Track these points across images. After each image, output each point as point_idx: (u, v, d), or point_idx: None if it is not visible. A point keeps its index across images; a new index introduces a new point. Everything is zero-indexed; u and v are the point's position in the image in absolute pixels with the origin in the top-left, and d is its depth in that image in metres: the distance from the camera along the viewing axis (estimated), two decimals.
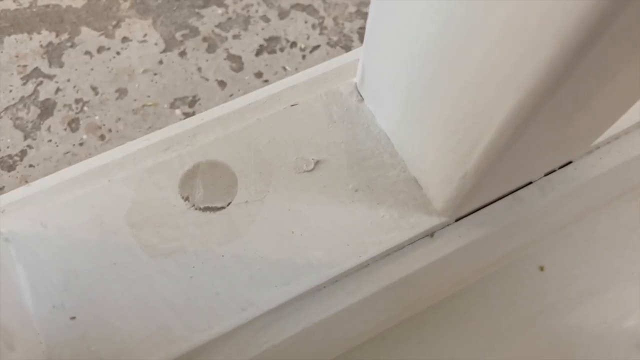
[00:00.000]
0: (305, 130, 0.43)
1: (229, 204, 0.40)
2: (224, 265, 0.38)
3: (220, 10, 0.90)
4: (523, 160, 0.35)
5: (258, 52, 0.86)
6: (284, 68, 0.84)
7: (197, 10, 0.90)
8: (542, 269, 0.52)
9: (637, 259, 0.52)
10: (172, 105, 0.81)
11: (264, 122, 0.44)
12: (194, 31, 0.88)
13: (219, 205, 0.40)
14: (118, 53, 0.86)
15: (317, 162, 0.42)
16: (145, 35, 0.88)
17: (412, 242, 0.40)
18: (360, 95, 0.44)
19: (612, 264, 0.52)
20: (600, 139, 0.45)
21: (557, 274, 0.52)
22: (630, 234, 0.53)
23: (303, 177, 0.41)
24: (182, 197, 0.41)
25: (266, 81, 0.83)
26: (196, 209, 0.40)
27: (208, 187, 0.41)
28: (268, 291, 0.38)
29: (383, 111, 0.42)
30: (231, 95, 0.82)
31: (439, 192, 0.38)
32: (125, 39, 0.88)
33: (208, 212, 0.40)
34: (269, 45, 0.86)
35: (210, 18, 0.89)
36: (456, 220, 0.41)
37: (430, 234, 0.40)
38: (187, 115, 0.81)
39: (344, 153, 0.42)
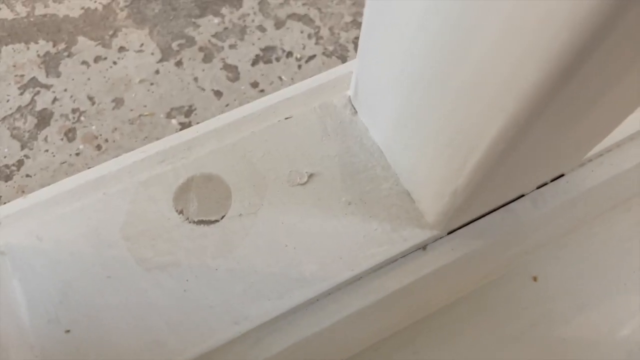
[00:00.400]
0: (299, 143, 0.44)
1: (222, 217, 0.41)
2: (218, 279, 0.39)
3: (216, 20, 0.90)
4: (514, 175, 0.35)
5: (254, 62, 0.86)
6: (280, 78, 0.85)
7: (193, 20, 0.90)
8: (535, 279, 0.52)
9: (629, 270, 0.52)
10: (169, 115, 0.82)
11: (259, 135, 0.44)
12: (191, 41, 0.88)
13: (213, 218, 0.41)
14: (115, 63, 0.87)
15: (310, 175, 0.42)
16: (141, 45, 0.88)
17: (405, 255, 0.40)
18: (354, 108, 0.45)
19: (604, 275, 0.52)
20: (593, 151, 0.45)
21: (550, 285, 0.52)
22: (622, 245, 0.53)
23: (297, 190, 0.42)
24: (177, 211, 0.41)
25: (262, 91, 0.84)
26: (190, 222, 0.41)
27: (202, 200, 0.41)
28: (262, 305, 0.38)
29: (376, 124, 0.42)
30: (227, 105, 0.83)
31: (431, 205, 0.39)
32: (122, 49, 0.88)
33: (202, 225, 0.40)
34: (265, 55, 0.87)
35: (207, 28, 0.90)
36: (449, 233, 0.41)
37: (423, 247, 0.41)
38: (183, 124, 0.81)
39: (337, 166, 0.43)
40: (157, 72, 0.86)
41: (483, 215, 0.42)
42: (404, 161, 0.40)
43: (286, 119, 0.44)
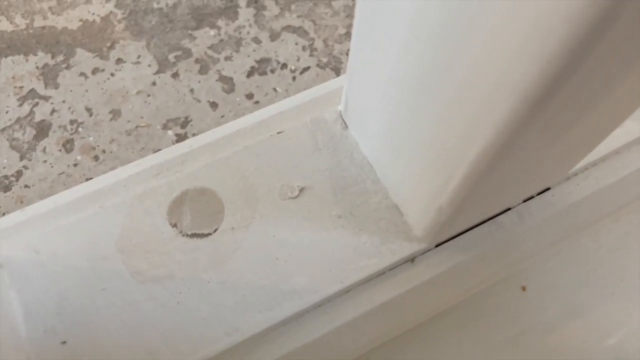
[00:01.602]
0: (290, 157, 0.44)
1: (215, 230, 0.42)
2: (210, 291, 0.39)
3: (212, 32, 0.91)
4: (499, 191, 0.36)
5: (249, 74, 0.87)
6: (275, 89, 0.86)
7: (189, 32, 0.91)
8: (524, 289, 0.53)
9: (617, 279, 0.53)
10: (165, 126, 0.83)
11: (251, 149, 0.45)
12: (187, 53, 0.89)
13: (205, 231, 0.42)
14: (112, 74, 0.88)
15: (301, 189, 0.43)
16: (139, 56, 0.89)
17: (393, 267, 0.41)
18: (345, 123, 0.46)
19: (592, 285, 0.53)
20: (578, 165, 0.46)
21: (539, 294, 0.53)
22: (610, 255, 0.54)
23: (288, 204, 0.43)
24: (171, 224, 0.42)
25: (257, 102, 0.85)
26: (184, 235, 0.41)
27: (195, 213, 0.42)
28: (253, 316, 0.39)
29: (366, 139, 0.43)
30: (223, 116, 0.84)
31: (418, 219, 0.40)
32: (119, 61, 0.89)
33: (195, 238, 0.41)
34: (260, 67, 0.88)
35: (203, 40, 0.91)
36: (436, 246, 0.42)
37: (411, 259, 0.42)
38: (179, 136, 0.82)
39: (328, 180, 0.43)
40: (153, 83, 0.86)
41: (470, 228, 0.43)
42: (392, 176, 0.41)
43: (278, 133, 0.45)
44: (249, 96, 0.85)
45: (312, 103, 0.47)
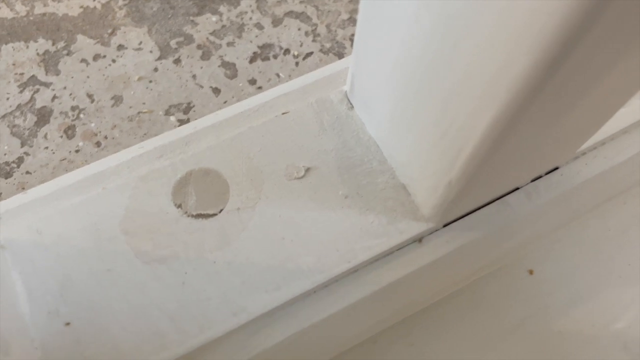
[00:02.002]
0: (296, 137, 0.44)
1: (220, 211, 0.41)
2: (216, 271, 0.39)
3: (214, 18, 0.90)
4: (507, 167, 0.36)
5: (252, 59, 0.87)
6: (278, 75, 0.85)
7: (191, 18, 0.91)
8: (531, 272, 0.52)
9: (625, 262, 0.53)
10: (167, 112, 0.82)
11: (256, 130, 0.44)
12: (189, 39, 0.89)
13: (211, 212, 0.41)
14: (114, 61, 0.87)
15: (307, 169, 0.43)
16: (140, 43, 0.88)
17: (401, 247, 0.41)
18: (350, 103, 0.45)
19: (600, 268, 0.53)
20: (586, 144, 0.45)
21: (546, 278, 0.52)
22: (618, 237, 0.53)
23: (294, 184, 0.42)
24: (175, 205, 0.41)
25: (260, 88, 0.84)
26: (189, 216, 0.41)
27: (200, 194, 0.42)
28: (259, 296, 0.38)
29: (372, 119, 0.43)
30: (225, 102, 0.83)
31: (426, 198, 0.39)
32: (120, 47, 0.88)
33: (200, 219, 0.41)
34: (263, 53, 0.87)
35: (205, 26, 0.90)
36: (444, 226, 0.42)
37: (419, 239, 0.41)
38: (181, 122, 0.81)
39: (334, 160, 0.43)
40: (155, 69, 0.86)
41: (478, 208, 0.43)
42: (399, 155, 0.41)
43: (283, 114, 0.45)
44: (252, 82, 0.85)
45: (317, 84, 0.47)
